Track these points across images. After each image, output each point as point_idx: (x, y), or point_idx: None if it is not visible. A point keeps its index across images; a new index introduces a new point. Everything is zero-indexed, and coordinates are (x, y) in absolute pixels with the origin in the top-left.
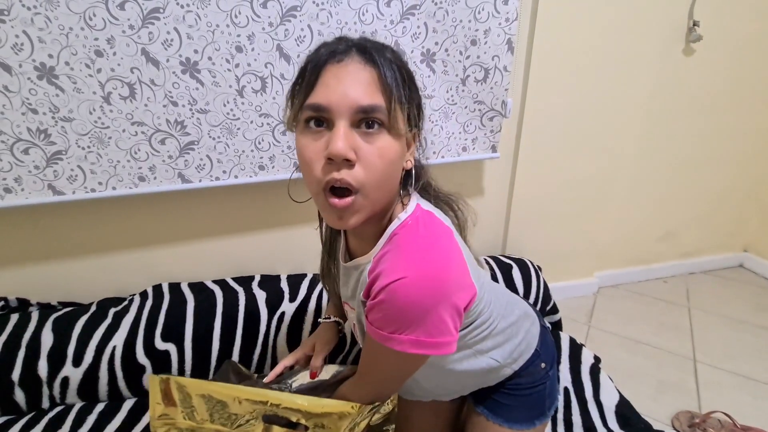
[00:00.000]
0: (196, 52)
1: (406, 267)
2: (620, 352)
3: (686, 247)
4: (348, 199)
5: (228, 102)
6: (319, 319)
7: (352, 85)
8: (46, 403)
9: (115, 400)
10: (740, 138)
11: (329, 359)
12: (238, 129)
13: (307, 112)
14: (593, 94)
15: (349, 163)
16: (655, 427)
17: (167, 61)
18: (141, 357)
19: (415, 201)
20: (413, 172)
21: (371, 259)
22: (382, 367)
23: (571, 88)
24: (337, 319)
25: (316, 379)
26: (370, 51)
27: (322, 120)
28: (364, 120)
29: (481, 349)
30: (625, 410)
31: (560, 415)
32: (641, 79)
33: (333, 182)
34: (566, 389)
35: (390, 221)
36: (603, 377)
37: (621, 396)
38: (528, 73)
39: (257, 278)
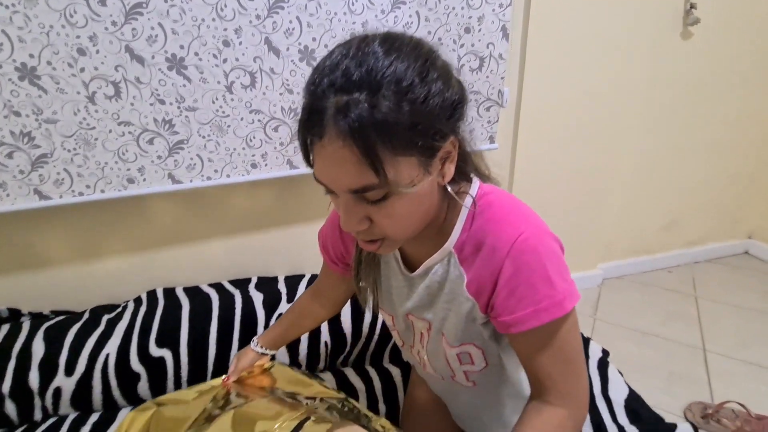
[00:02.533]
0: (182, 47)
1: (515, 225)
2: (628, 344)
3: (691, 235)
4: (377, 244)
5: (217, 99)
6: (253, 340)
7: (335, 169)
8: (38, 415)
9: (110, 409)
10: (742, 123)
11: (329, 362)
12: (229, 126)
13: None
14: (591, 80)
15: (366, 229)
16: (668, 419)
17: (152, 57)
18: (135, 364)
19: (476, 182)
20: (461, 163)
21: (450, 249)
22: (569, 360)
23: (568, 76)
24: (261, 349)
25: None
26: (349, 114)
27: (330, 191)
28: (364, 195)
29: None
30: (635, 404)
31: None
32: (640, 65)
33: (358, 237)
34: None
35: (445, 222)
36: (612, 371)
37: (631, 390)
38: (524, 61)
39: (254, 280)
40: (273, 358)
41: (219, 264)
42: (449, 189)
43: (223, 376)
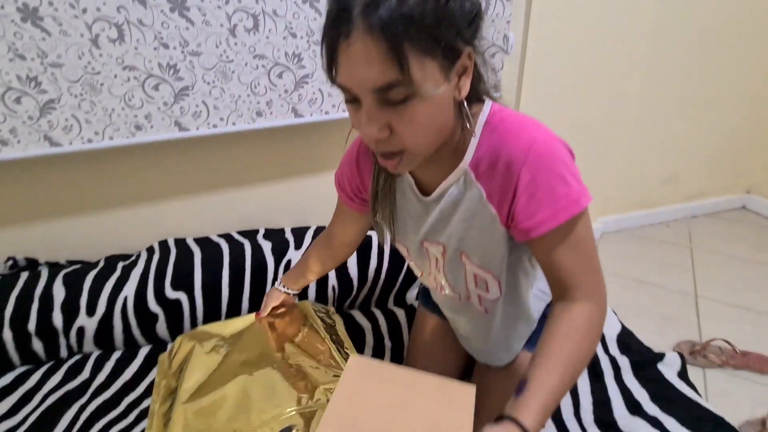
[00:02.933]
0: None
1: (528, 133)
2: (624, 291)
3: (689, 190)
4: (395, 161)
5: (220, 43)
6: (278, 284)
7: (362, 66)
8: (64, 353)
9: (131, 347)
10: (747, 76)
11: (337, 306)
12: (233, 72)
13: (340, 90)
14: (596, 28)
15: (385, 139)
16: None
17: None
18: (153, 306)
19: (489, 102)
20: (474, 85)
21: (465, 168)
22: (587, 254)
23: (573, 23)
24: (286, 288)
25: None
26: (377, 10)
27: (353, 98)
28: (387, 95)
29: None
30: (626, 338)
31: None
32: (645, 11)
33: (378, 150)
34: None
35: (459, 142)
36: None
37: (623, 326)
38: (530, 7)
39: (262, 231)
40: (298, 297)
41: (227, 216)
42: (464, 105)
43: (255, 313)
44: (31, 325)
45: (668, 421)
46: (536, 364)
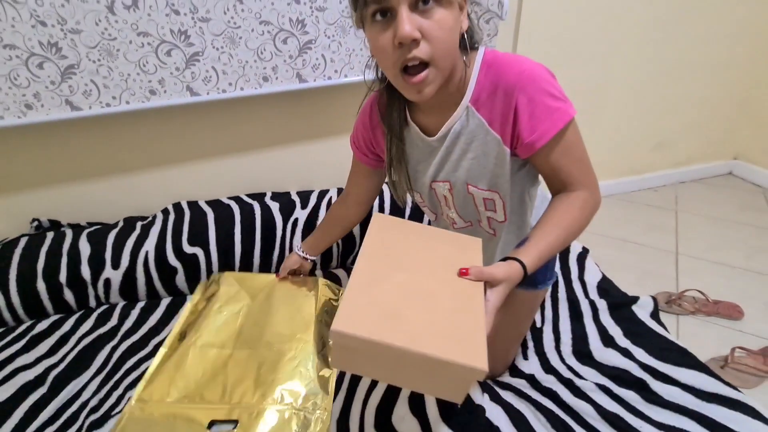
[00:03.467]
0: None
1: (517, 64)
2: (608, 249)
3: (678, 156)
4: (423, 74)
5: (228, 9)
6: (297, 249)
7: None
8: (92, 303)
9: (154, 297)
10: (734, 42)
11: (340, 261)
12: (240, 38)
13: (372, 7)
14: (587, 2)
15: (416, 43)
16: None
17: None
18: (172, 260)
19: (482, 48)
20: (470, 31)
21: (467, 104)
22: (578, 155)
23: None
24: (308, 255)
25: None
26: None
27: (385, 10)
28: (420, 1)
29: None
30: (605, 285)
31: (547, 295)
32: None
33: (407, 62)
34: (556, 275)
35: (460, 81)
36: (589, 262)
37: (603, 275)
38: None
39: (269, 194)
40: (314, 262)
41: (235, 179)
42: (465, 37)
43: (275, 274)
44: (62, 277)
45: (637, 351)
46: (538, 226)
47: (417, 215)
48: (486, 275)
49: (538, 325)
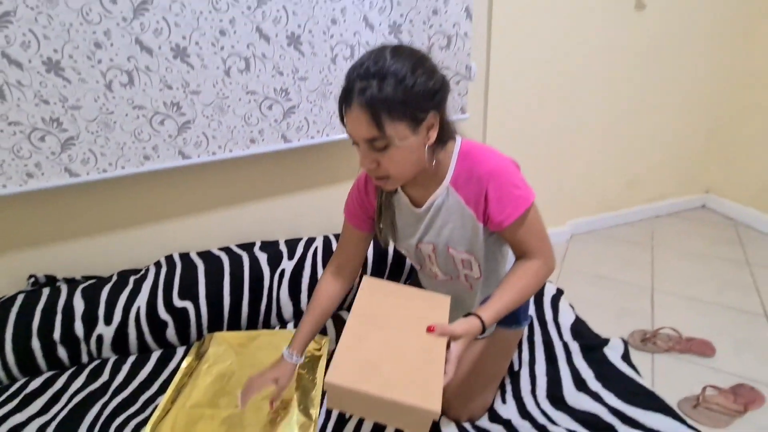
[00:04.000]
0: (184, 38)
1: (488, 160)
2: (587, 287)
3: (652, 191)
4: (382, 182)
5: (217, 82)
6: (286, 350)
7: (357, 126)
8: (85, 358)
9: (145, 351)
10: (699, 83)
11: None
12: (229, 107)
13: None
14: (553, 52)
15: (376, 168)
16: None
17: (159, 48)
18: (163, 314)
19: (458, 138)
20: (441, 132)
21: (447, 185)
22: (537, 232)
23: (531, 48)
24: (300, 360)
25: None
26: (365, 93)
27: (354, 142)
28: (373, 144)
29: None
30: (579, 327)
31: (524, 337)
32: (598, 34)
33: (372, 175)
34: (530, 317)
35: (439, 166)
36: (563, 304)
37: (577, 317)
38: (490, 38)
39: (258, 243)
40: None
41: (226, 231)
42: (431, 148)
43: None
44: (56, 335)
45: (607, 395)
46: (499, 289)
47: (398, 254)
48: (448, 332)
49: (516, 368)
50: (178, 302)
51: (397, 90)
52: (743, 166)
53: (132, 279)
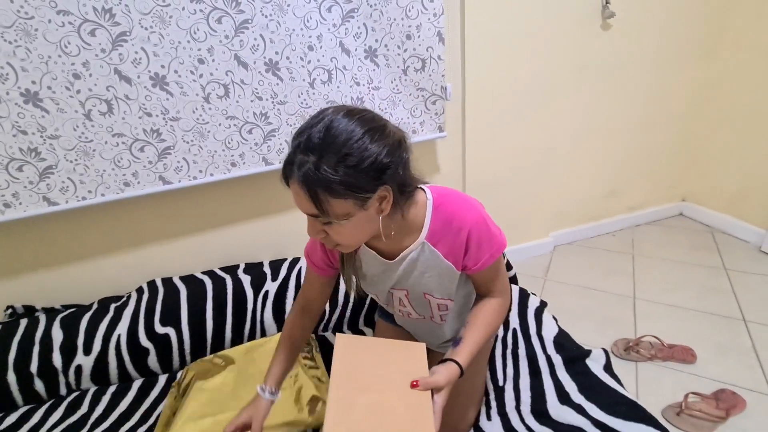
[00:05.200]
0: (163, 67)
1: (466, 212)
2: (571, 297)
3: (630, 201)
4: (334, 248)
5: (197, 109)
6: (260, 386)
7: (299, 201)
8: (63, 390)
9: (125, 381)
10: (666, 100)
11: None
12: (209, 132)
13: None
14: (526, 71)
15: (324, 238)
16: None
17: (138, 77)
18: (144, 341)
19: (427, 189)
20: (403, 187)
21: (423, 240)
22: (502, 274)
23: (504, 67)
24: (275, 396)
25: None
26: (302, 169)
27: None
28: (317, 218)
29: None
30: (561, 339)
31: (509, 351)
32: (568, 54)
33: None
34: (514, 330)
35: (407, 220)
36: (546, 316)
37: (560, 329)
38: (464, 59)
39: (242, 266)
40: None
41: (210, 254)
42: (397, 208)
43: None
44: (33, 367)
45: (590, 407)
46: (467, 328)
47: None
48: (431, 384)
49: (500, 383)
50: (159, 328)
51: (338, 170)
52: (716, 175)
53: (113, 306)
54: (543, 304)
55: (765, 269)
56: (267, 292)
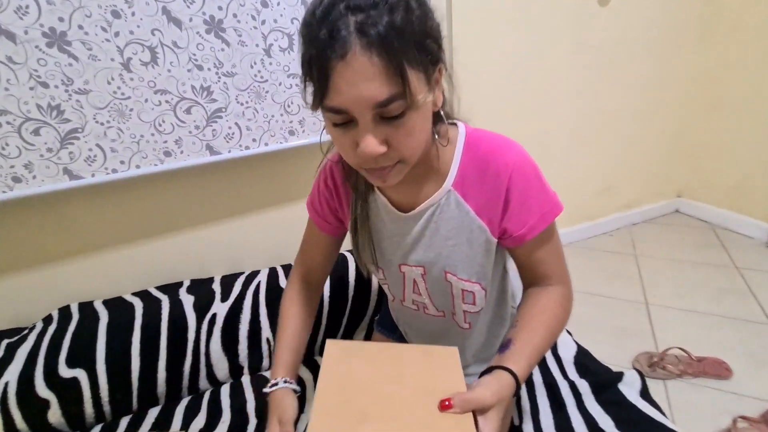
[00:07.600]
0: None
1: (508, 152)
2: (577, 306)
3: (626, 198)
4: (387, 170)
5: (113, 79)
6: (265, 389)
7: (364, 84)
8: None
9: None
10: (663, 87)
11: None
12: (131, 110)
13: (329, 114)
14: (519, 56)
15: (384, 151)
16: (616, 370)
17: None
18: (42, 390)
19: (460, 125)
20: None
21: (449, 188)
22: (559, 250)
23: (498, 55)
24: (293, 384)
25: None
26: (375, 27)
27: (345, 120)
28: (387, 109)
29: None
30: (583, 359)
31: None
32: (562, 37)
33: (371, 166)
34: None
35: (437, 158)
36: None
37: (579, 346)
38: (452, 53)
39: (186, 283)
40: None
41: (144, 271)
42: (442, 113)
43: None
44: None
45: None
46: (520, 328)
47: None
48: (473, 403)
49: (516, 422)
50: (65, 371)
51: (412, 21)
52: (712, 168)
53: (4, 344)
54: None
55: None
56: (215, 315)
